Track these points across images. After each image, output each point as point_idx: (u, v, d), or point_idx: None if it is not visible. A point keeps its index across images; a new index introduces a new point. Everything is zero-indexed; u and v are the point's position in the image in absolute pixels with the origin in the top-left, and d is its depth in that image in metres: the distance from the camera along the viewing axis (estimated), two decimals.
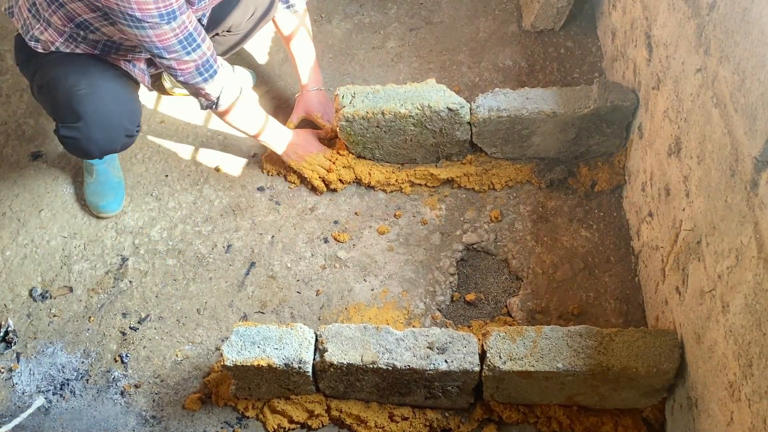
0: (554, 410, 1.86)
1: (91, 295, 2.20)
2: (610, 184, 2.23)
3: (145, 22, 1.74)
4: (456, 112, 2.15)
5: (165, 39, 1.80)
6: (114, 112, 2.00)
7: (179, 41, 1.83)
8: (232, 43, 2.36)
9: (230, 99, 2.05)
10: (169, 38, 1.81)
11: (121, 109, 2.02)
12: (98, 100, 1.96)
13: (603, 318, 2.03)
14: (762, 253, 1.28)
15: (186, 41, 1.84)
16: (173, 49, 1.84)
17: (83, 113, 1.94)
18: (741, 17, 1.36)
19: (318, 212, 2.31)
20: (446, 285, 2.14)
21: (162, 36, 1.79)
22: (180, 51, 1.84)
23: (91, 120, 1.96)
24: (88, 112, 1.95)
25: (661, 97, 1.84)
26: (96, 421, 1.99)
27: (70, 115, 1.96)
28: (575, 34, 2.63)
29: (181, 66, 1.88)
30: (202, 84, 1.95)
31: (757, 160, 1.29)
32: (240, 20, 2.23)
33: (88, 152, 2.05)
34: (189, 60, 1.87)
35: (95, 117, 1.96)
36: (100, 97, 1.96)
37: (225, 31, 2.26)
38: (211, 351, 2.08)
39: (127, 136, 2.08)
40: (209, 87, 1.97)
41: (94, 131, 1.98)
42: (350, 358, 1.74)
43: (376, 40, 2.72)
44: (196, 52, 1.87)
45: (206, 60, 1.91)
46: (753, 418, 1.31)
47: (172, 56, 1.85)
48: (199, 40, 1.87)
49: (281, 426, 1.92)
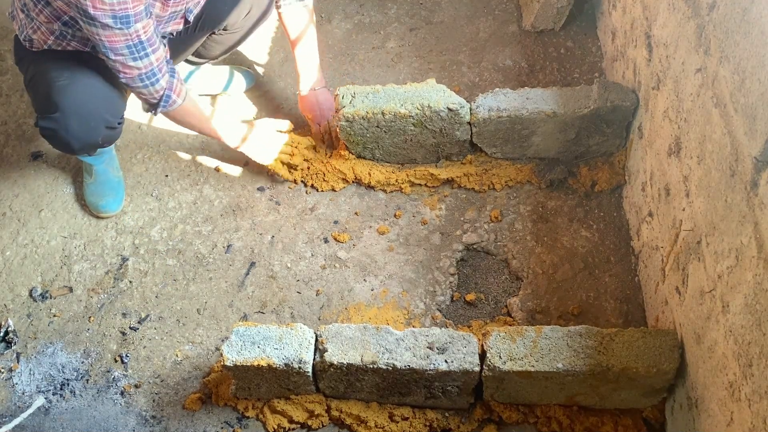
0: (554, 410, 1.86)
1: (91, 295, 2.20)
2: (610, 184, 2.23)
3: (98, 21, 1.74)
4: (456, 112, 2.15)
5: (114, 41, 1.79)
6: (91, 101, 1.99)
7: (128, 46, 1.81)
8: (231, 42, 2.36)
9: (171, 105, 2.02)
10: (117, 41, 1.80)
11: (99, 100, 2.01)
12: (76, 91, 1.96)
13: (603, 318, 2.03)
14: (762, 253, 1.28)
15: (135, 48, 1.83)
16: (120, 52, 1.82)
17: (60, 103, 1.94)
18: (741, 17, 1.36)
19: (318, 212, 2.31)
20: (446, 285, 2.14)
21: (111, 37, 1.78)
22: (126, 55, 1.83)
23: (67, 110, 1.95)
24: (65, 102, 1.94)
25: (661, 97, 1.84)
26: (96, 421, 1.99)
27: (48, 106, 1.96)
28: (575, 34, 2.63)
29: (125, 69, 1.87)
30: (141, 89, 1.94)
31: (757, 160, 1.29)
32: (236, 19, 2.23)
33: (67, 143, 2.03)
34: (134, 66, 1.86)
35: (72, 107, 1.95)
36: (77, 88, 1.96)
37: (222, 30, 2.26)
38: (211, 351, 2.08)
39: (108, 128, 2.06)
40: (148, 93, 1.96)
41: (71, 121, 1.97)
42: (350, 358, 1.74)
43: (376, 40, 2.72)
44: (142, 60, 1.86)
45: (151, 70, 1.90)
46: (753, 418, 1.31)
47: (117, 58, 1.84)
48: (149, 50, 1.85)
49: (281, 426, 1.92)
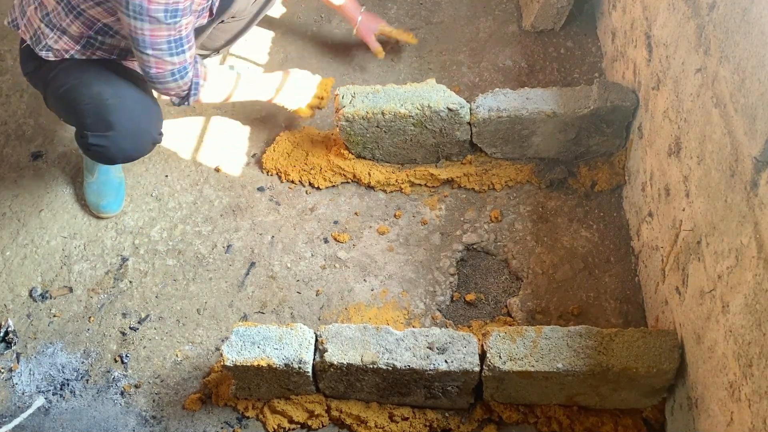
0: (554, 410, 1.86)
1: (91, 295, 2.20)
2: (610, 184, 2.23)
3: (148, 16, 1.73)
4: (456, 112, 2.15)
5: (157, 35, 1.79)
6: (143, 120, 2.02)
7: (168, 42, 1.81)
8: (237, 30, 2.35)
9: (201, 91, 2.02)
10: (161, 36, 1.79)
11: (148, 116, 2.04)
12: (128, 110, 1.97)
13: (603, 318, 2.03)
14: (762, 253, 1.28)
15: (174, 44, 1.83)
16: (159, 47, 1.82)
17: (115, 123, 1.95)
18: (741, 17, 1.36)
19: (318, 212, 2.31)
20: (446, 285, 2.14)
21: (156, 32, 1.78)
22: (164, 51, 1.83)
23: (123, 129, 1.96)
24: (120, 121, 1.95)
25: (661, 97, 1.84)
26: (96, 421, 1.99)
27: (100, 125, 1.95)
28: (575, 34, 2.63)
29: (159, 65, 1.86)
30: (170, 84, 1.93)
31: (757, 160, 1.29)
32: (245, 5, 2.23)
33: (113, 159, 2.06)
34: (168, 62, 1.86)
35: (127, 126, 1.97)
36: (129, 107, 1.97)
37: (230, 18, 2.25)
38: (211, 351, 2.08)
39: (153, 143, 2.10)
40: (176, 86, 1.95)
41: (124, 140, 1.99)
42: (350, 358, 1.74)
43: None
44: (179, 56, 1.86)
45: (184, 66, 1.90)
46: (753, 418, 1.31)
47: (154, 53, 1.83)
48: (185, 47, 1.86)
49: (281, 426, 1.92)
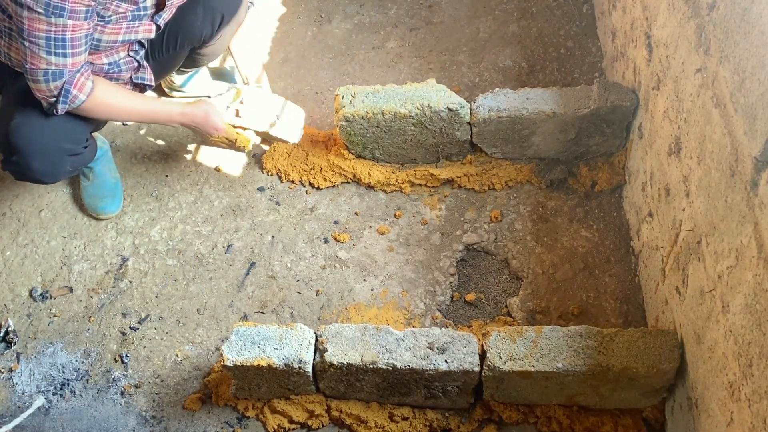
0: (554, 410, 1.86)
1: (91, 295, 2.20)
2: (610, 184, 2.23)
3: (26, 4, 1.66)
4: (456, 112, 2.15)
5: (35, 27, 1.70)
6: (46, 136, 1.94)
7: (47, 37, 1.72)
8: (215, 53, 2.34)
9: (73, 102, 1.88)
10: (39, 28, 1.71)
11: (57, 133, 1.95)
12: (30, 128, 1.91)
13: (603, 318, 2.03)
14: (762, 253, 1.28)
15: (54, 42, 1.74)
16: (35, 40, 1.73)
17: (17, 145, 1.92)
18: (741, 17, 1.36)
19: (318, 212, 2.31)
20: (446, 285, 2.14)
21: (33, 23, 1.70)
22: (41, 46, 1.73)
23: (25, 151, 1.93)
24: (21, 143, 1.92)
25: (661, 97, 1.84)
26: (96, 421, 1.99)
27: (7, 149, 1.94)
28: (575, 34, 2.63)
29: (33, 60, 1.76)
30: (41, 84, 1.81)
31: (757, 160, 1.29)
32: (212, 30, 2.19)
33: (37, 181, 2.03)
34: (44, 59, 1.76)
35: (30, 147, 1.93)
36: (32, 125, 1.91)
37: (202, 44, 2.23)
38: (211, 351, 2.08)
39: (73, 155, 2.03)
40: (46, 89, 1.83)
41: (32, 161, 1.95)
42: (350, 358, 1.74)
43: (376, 40, 2.72)
44: (57, 57, 1.76)
45: (60, 71, 1.79)
46: (753, 418, 1.31)
47: (30, 45, 1.74)
48: (68, 50, 1.76)
49: (281, 426, 1.92)
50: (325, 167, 2.35)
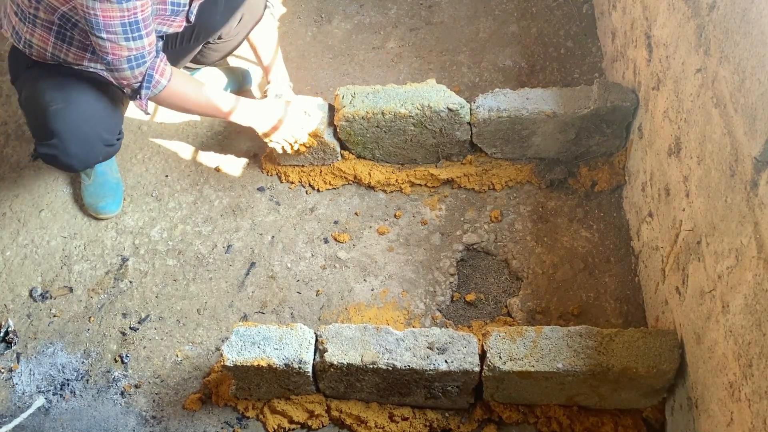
0: (554, 410, 1.86)
1: (91, 295, 2.20)
2: (610, 185, 2.23)
3: None
4: (456, 113, 2.15)
5: (109, 17, 1.72)
6: (87, 123, 1.97)
7: (122, 24, 1.74)
8: (227, 50, 2.36)
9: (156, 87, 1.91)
10: (113, 17, 1.72)
11: (95, 119, 1.99)
12: (71, 114, 1.93)
13: (603, 318, 2.03)
14: (762, 253, 1.28)
15: (130, 27, 1.75)
16: (113, 30, 1.74)
17: (57, 130, 1.93)
18: (741, 17, 1.36)
19: (318, 212, 2.31)
20: (446, 285, 2.14)
21: (107, 12, 1.71)
22: (119, 34, 1.76)
23: (65, 136, 1.94)
24: (62, 128, 1.93)
25: (661, 98, 1.84)
26: (96, 421, 1.99)
27: (43, 134, 1.95)
28: (575, 34, 2.63)
29: (114, 50, 1.79)
30: (126, 72, 1.85)
31: (757, 160, 1.29)
32: (230, 28, 2.22)
33: (69, 166, 2.04)
34: (125, 47, 1.78)
35: (70, 132, 1.94)
36: (72, 111, 1.93)
37: (217, 39, 2.26)
38: (211, 351, 2.08)
39: (107, 146, 2.06)
40: (131, 75, 1.86)
41: (71, 146, 1.96)
42: (350, 358, 1.74)
43: (376, 40, 2.72)
44: (135, 42, 1.79)
45: (141, 53, 1.82)
46: (753, 418, 1.31)
47: (109, 37, 1.76)
48: (143, 32, 1.79)
49: (281, 426, 1.92)
50: (324, 170, 2.35)
